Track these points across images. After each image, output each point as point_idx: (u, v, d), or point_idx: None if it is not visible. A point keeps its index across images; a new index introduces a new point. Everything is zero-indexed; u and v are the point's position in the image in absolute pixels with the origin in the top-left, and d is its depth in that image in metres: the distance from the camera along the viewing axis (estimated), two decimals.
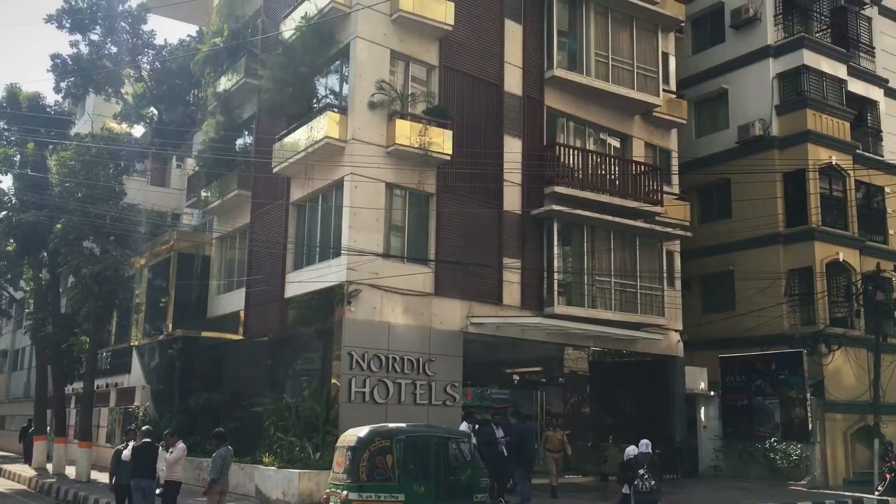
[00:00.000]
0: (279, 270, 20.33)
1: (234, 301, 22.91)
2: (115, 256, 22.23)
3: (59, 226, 22.61)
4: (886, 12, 30.08)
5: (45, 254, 25.64)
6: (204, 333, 22.89)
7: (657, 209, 22.57)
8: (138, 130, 28.59)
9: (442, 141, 18.65)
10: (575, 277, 21.06)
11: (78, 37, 25.25)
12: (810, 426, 22.29)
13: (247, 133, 23.64)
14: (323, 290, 18.33)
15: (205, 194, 24.65)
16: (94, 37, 25.32)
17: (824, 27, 27.62)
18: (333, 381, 17.48)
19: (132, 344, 26.25)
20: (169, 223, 27.70)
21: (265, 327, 20.86)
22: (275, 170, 20.19)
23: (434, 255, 18.97)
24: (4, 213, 26.18)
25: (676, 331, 23.38)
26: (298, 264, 20.00)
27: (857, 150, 26.74)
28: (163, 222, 26.68)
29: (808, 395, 22.46)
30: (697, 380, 23.87)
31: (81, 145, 23.44)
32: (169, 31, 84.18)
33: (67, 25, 24.99)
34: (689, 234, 23.63)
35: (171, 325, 23.91)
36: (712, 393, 24.11)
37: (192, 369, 22.12)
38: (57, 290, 27.05)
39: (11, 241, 25.92)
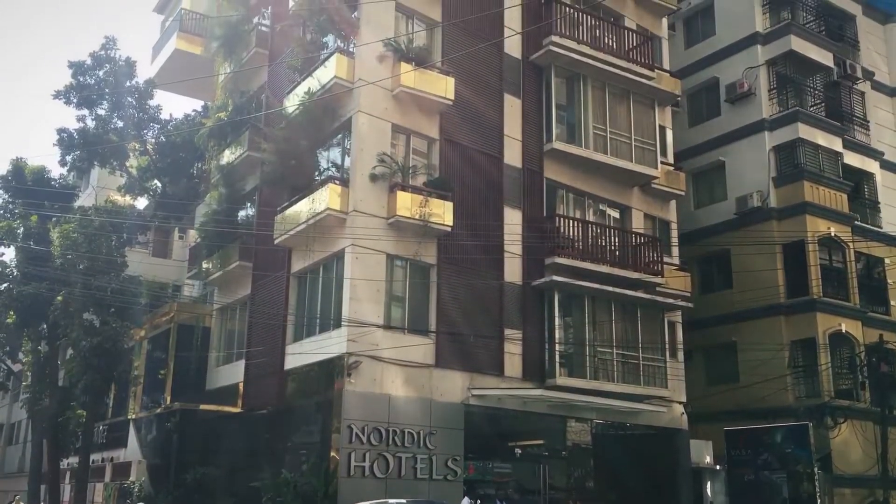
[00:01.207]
0: (279, 342, 20.22)
1: (233, 373, 22.72)
2: (114, 328, 22.18)
3: (59, 298, 22.63)
4: (879, 87, 30.70)
5: (45, 326, 25.58)
6: (202, 406, 22.62)
7: (658, 280, 22.56)
8: (141, 202, 28.87)
9: (443, 212, 18.79)
10: (576, 348, 20.93)
11: (85, 111, 25.70)
12: (819, 501, 21.80)
13: (249, 205, 23.85)
14: (323, 362, 18.19)
15: (206, 265, 24.71)
16: (101, 111, 25.75)
17: (818, 101, 28.12)
18: (333, 454, 17.19)
19: (129, 417, 25.93)
20: (170, 295, 27.70)
21: (264, 400, 20.63)
22: (276, 241, 20.29)
23: (435, 327, 18.89)
24: (5, 285, 26.25)
25: (680, 403, 23.10)
26: (298, 336, 19.91)
27: (856, 222, 26.91)
28: (163, 294, 26.68)
29: (816, 470, 22.02)
30: (703, 453, 23.46)
31: (85, 218, 23.64)
32: (174, 104, 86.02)
33: (75, 101, 25.46)
34: (690, 304, 23.56)
35: (169, 398, 23.67)
36: (718, 467, 23.66)
37: (190, 443, 21.79)
38: (55, 363, 26.90)
39: (12, 313, 25.89)
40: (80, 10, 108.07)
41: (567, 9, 22.74)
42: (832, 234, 25.55)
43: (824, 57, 27.86)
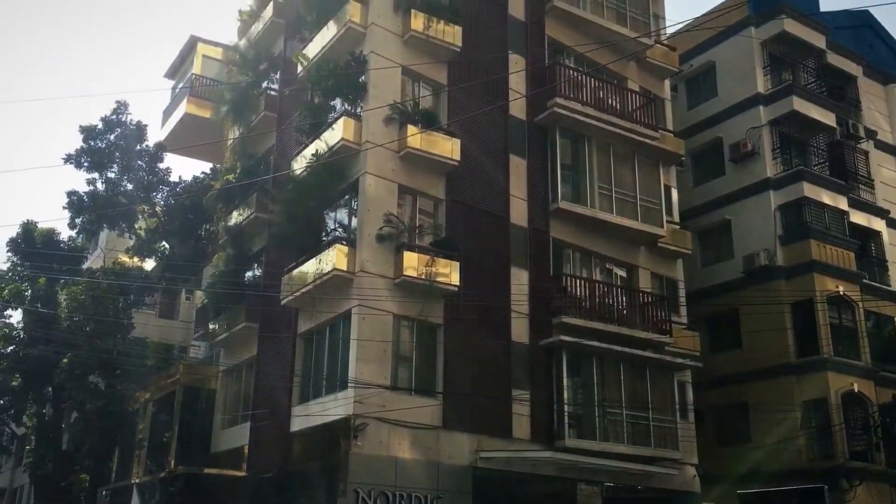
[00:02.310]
0: (285, 404, 20.03)
1: (238, 436, 22.46)
2: (120, 391, 22.04)
3: (65, 360, 22.56)
4: (882, 146, 30.90)
5: (50, 389, 25.45)
6: (206, 470, 22.26)
7: (666, 339, 22.41)
8: (149, 264, 28.98)
9: (449, 272, 18.80)
10: (585, 409, 20.67)
11: (95, 175, 25.98)
12: None
13: (256, 266, 23.91)
14: (329, 424, 17.97)
15: (212, 327, 24.66)
16: (111, 174, 26.04)
17: (822, 161, 28.28)
18: None
19: (133, 481, 25.53)
20: (176, 356, 27.60)
21: (270, 463, 20.34)
22: (283, 302, 20.26)
23: (442, 387, 18.72)
24: (12, 347, 26.21)
25: (692, 465, 22.67)
26: (305, 397, 19.73)
27: (864, 280, 26.78)
28: (169, 356, 26.59)
29: None
30: None
31: (92, 280, 23.72)
32: (184, 166, 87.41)
33: (86, 164, 25.77)
34: (699, 364, 23.32)
35: (173, 462, 23.34)
36: None
37: None
38: (59, 426, 26.67)
39: (17, 375, 25.79)
40: (92, 76, 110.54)
41: (570, 71, 23.11)
42: (841, 293, 25.40)
43: (826, 117, 28.13)
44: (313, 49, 21.32)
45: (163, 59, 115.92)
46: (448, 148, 19.76)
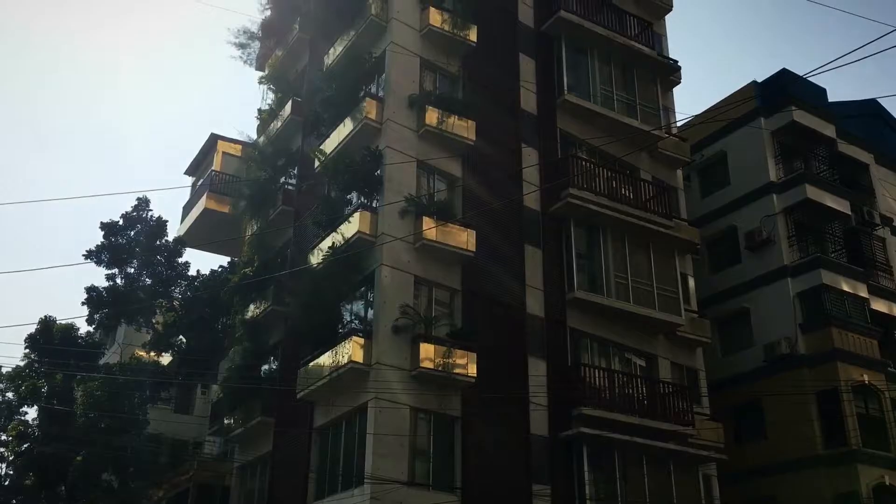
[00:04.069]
0: (301, 501, 19.59)
1: None
2: (133, 489, 21.67)
3: (79, 458, 22.29)
4: None
5: (63, 487, 25.07)
6: None
7: (689, 430, 21.90)
8: (166, 358, 28.96)
9: (466, 363, 18.62)
10: None
11: (115, 270, 26.25)
12: None
13: (272, 359, 23.81)
14: None
15: (228, 421, 24.39)
16: (130, 269, 26.31)
17: (839, 248, 28.14)
18: None
19: None
20: (190, 452, 27.24)
21: None
22: (299, 395, 20.07)
23: (461, 482, 18.27)
24: (27, 445, 25.97)
25: None
26: (321, 493, 19.29)
27: (889, 369, 26.26)
28: (184, 452, 26.23)
29: None
30: None
31: (109, 376, 23.66)
32: (202, 260, 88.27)
33: (106, 260, 26.08)
34: (723, 456, 22.70)
35: None
36: None
37: None
38: None
39: (30, 474, 25.46)
40: (113, 173, 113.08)
41: (583, 162, 23.42)
42: (866, 382, 24.86)
43: (841, 204, 28.16)
44: (330, 145, 21.80)
45: (179, 155, 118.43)
46: (463, 239, 19.90)
